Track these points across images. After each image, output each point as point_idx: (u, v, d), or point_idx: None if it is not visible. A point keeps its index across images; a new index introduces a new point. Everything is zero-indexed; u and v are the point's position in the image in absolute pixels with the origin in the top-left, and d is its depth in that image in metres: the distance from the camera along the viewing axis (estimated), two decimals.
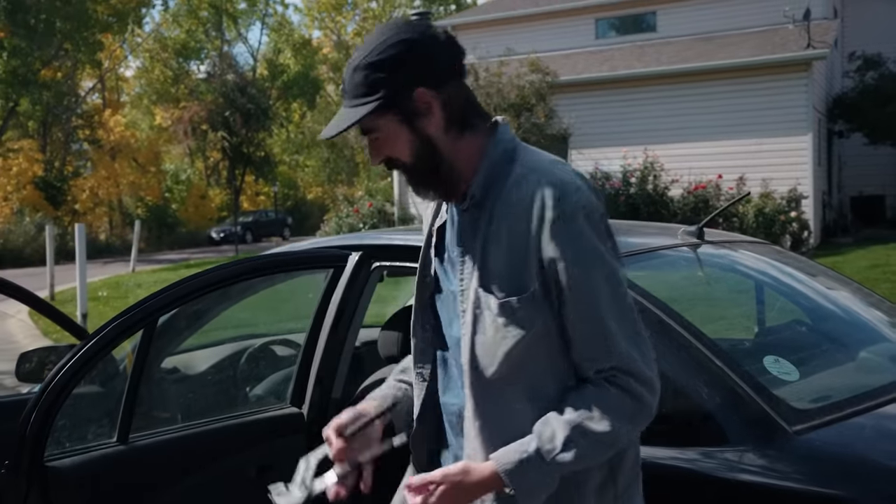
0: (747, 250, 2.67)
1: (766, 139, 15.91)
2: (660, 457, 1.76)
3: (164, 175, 38.89)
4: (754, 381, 1.81)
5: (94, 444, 2.06)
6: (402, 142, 1.48)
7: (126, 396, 2.04)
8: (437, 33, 1.50)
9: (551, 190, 1.40)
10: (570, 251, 1.38)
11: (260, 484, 2.28)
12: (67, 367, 1.92)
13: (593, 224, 1.40)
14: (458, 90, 1.50)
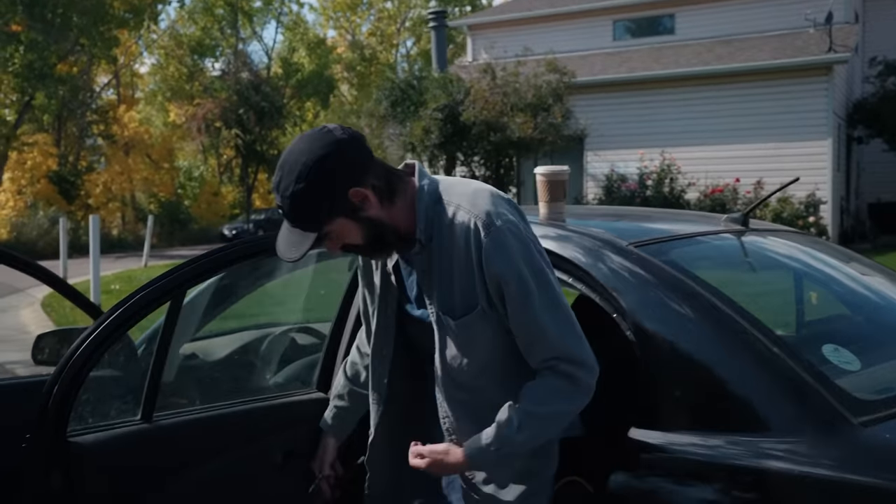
0: (792, 240, 2.57)
1: (785, 143, 15.76)
2: (716, 446, 1.67)
3: (177, 171, 38.93)
4: (815, 369, 1.71)
5: (117, 422, 1.98)
6: (352, 231, 1.74)
7: (151, 373, 1.96)
8: (342, 136, 1.70)
9: (479, 222, 1.69)
10: (504, 269, 1.68)
11: (286, 469, 2.21)
12: (92, 337, 1.84)
13: (519, 238, 1.69)
14: (377, 170, 1.74)
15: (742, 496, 1.63)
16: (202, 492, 2.04)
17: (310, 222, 1.70)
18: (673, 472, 1.74)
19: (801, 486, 1.57)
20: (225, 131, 32.99)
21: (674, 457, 1.73)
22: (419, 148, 15.56)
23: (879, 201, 19.11)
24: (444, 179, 1.80)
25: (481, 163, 15.92)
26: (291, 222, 1.72)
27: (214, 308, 2.64)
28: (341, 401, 2.18)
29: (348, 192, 1.68)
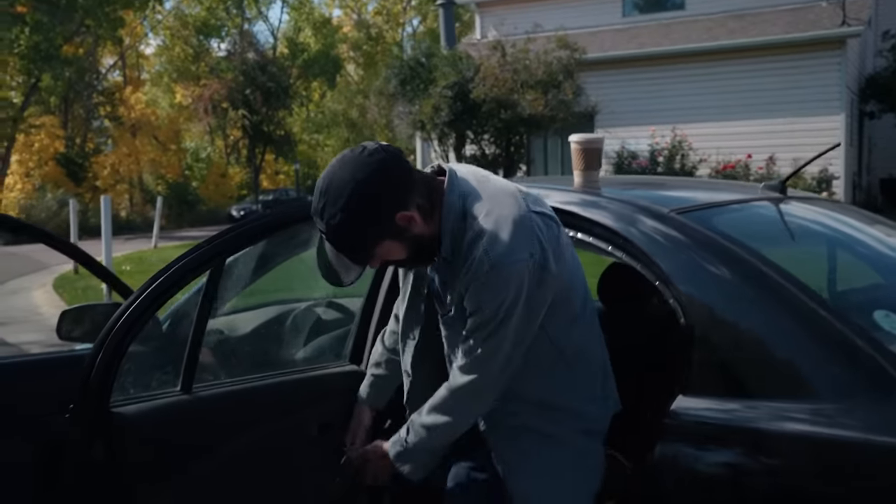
0: (829, 208, 2.53)
1: (798, 119, 15.61)
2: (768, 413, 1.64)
3: (184, 153, 38.91)
4: (868, 335, 1.68)
5: (158, 393, 1.96)
6: (397, 250, 1.75)
7: (190, 344, 1.93)
8: (384, 158, 1.67)
9: (487, 260, 1.68)
10: (477, 303, 1.73)
11: (321, 442, 2.19)
12: (134, 307, 1.81)
13: (515, 280, 1.68)
14: (419, 188, 1.72)
15: (794, 464, 1.60)
16: (240, 463, 2.02)
17: (357, 252, 1.72)
18: (722, 441, 1.71)
19: (856, 453, 1.54)
20: (231, 112, 32.93)
21: (722, 425, 1.70)
22: (429, 126, 15.47)
23: (891, 176, 18.96)
24: (471, 189, 1.76)
25: (491, 141, 15.82)
26: (337, 250, 1.72)
27: (250, 277, 2.61)
28: (378, 369, 2.18)
29: (395, 217, 1.68)
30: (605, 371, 1.95)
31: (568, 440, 1.85)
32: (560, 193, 2.20)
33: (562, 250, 1.80)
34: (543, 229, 1.75)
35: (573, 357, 1.86)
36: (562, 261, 1.78)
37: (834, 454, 1.56)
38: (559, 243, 1.79)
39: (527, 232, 1.71)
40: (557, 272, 1.75)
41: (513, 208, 1.73)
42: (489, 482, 1.93)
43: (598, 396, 1.91)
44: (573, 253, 1.88)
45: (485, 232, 1.69)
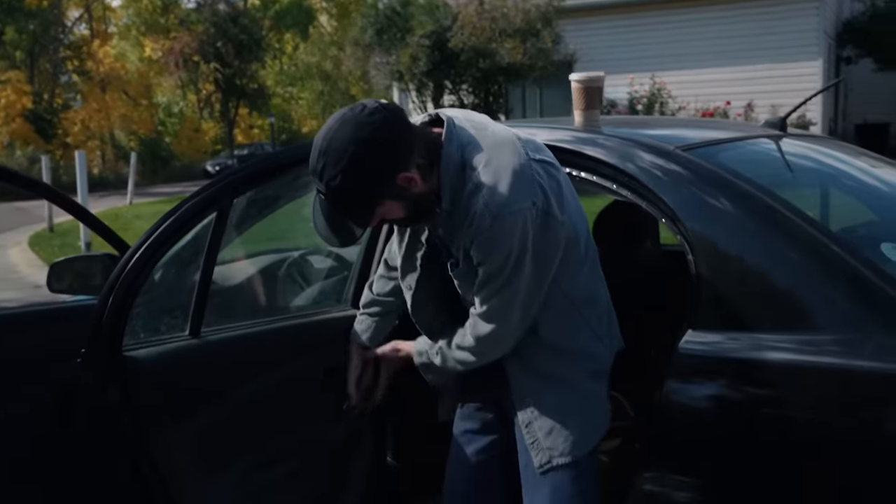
0: (828, 146, 2.53)
1: (776, 65, 15.61)
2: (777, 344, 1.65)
3: (156, 108, 38.23)
4: (877, 267, 1.68)
5: (167, 337, 1.94)
6: (397, 210, 1.72)
7: (198, 288, 1.91)
8: (387, 118, 1.62)
9: (489, 212, 1.66)
10: (485, 257, 1.71)
11: (327, 386, 2.19)
12: (142, 250, 1.78)
13: (520, 230, 1.66)
14: (419, 146, 1.67)
15: (805, 395, 1.62)
16: (248, 408, 2.02)
17: (357, 213, 1.69)
18: (729, 376, 1.72)
19: (869, 383, 1.55)
20: (203, 65, 32.32)
21: (731, 359, 1.71)
22: (407, 76, 15.29)
23: (866, 122, 19.08)
24: (469, 139, 1.72)
25: (469, 90, 15.69)
26: (338, 211, 1.68)
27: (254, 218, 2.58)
28: (369, 308, 2.18)
29: (396, 178, 1.65)
30: (609, 310, 1.96)
31: (576, 382, 1.87)
32: (562, 132, 2.18)
33: (564, 196, 1.78)
34: (544, 176, 1.73)
35: (581, 301, 1.86)
36: (564, 206, 1.76)
37: (847, 384, 1.57)
38: (561, 189, 1.77)
39: (527, 180, 1.68)
40: (562, 218, 1.74)
41: (512, 157, 1.70)
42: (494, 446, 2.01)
43: (604, 335, 1.91)
44: (575, 197, 1.86)
45: (484, 183, 1.66)
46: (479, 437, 2.06)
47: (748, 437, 1.68)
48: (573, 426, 1.85)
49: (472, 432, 2.07)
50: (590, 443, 1.87)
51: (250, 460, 2.02)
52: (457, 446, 2.08)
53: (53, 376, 1.85)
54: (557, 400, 1.86)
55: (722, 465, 1.71)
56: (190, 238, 1.94)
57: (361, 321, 2.18)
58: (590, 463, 1.88)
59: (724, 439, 1.71)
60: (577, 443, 1.84)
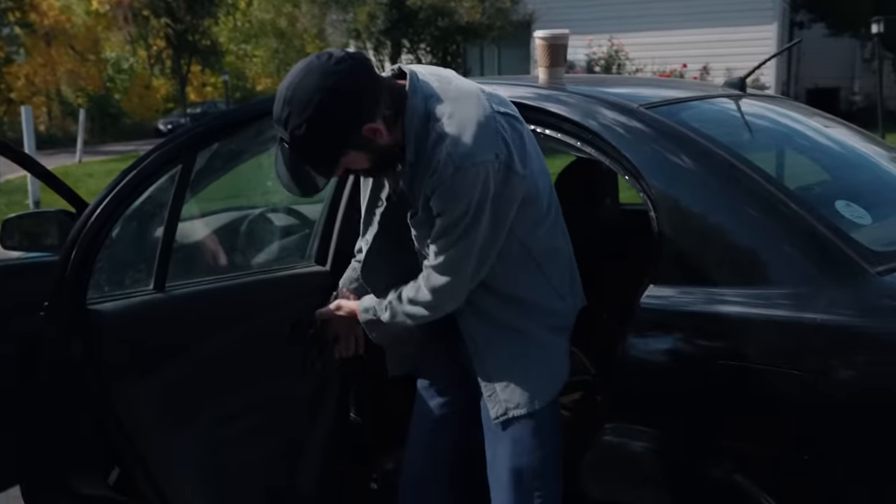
0: (785, 106, 2.58)
1: (732, 28, 15.74)
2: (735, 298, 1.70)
3: (104, 64, 37.02)
4: (832, 223, 1.74)
5: (131, 291, 1.92)
6: (361, 160, 1.71)
7: (163, 242, 1.88)
8: (353, 66, 1.62)
9: (451, 162, 1.65)
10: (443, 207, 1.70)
11: (294, 340, 2.20)
12: (107, 201, 1.75)
13: (481, 183, 1.66)
14: (385, 97, 1.66)
15: (761, 347, 1.67)
16: (213, 362, 2.01)
17: (322, 163, 1.69)
18: (689, 330, 1.77)
19: (822, 335, 1.61)
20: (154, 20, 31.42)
21: (690, 313, 1.75)
22: (364, 35, 15.09)
23: (817, 87, 19.40)
24: (433, 91, 1.72)
25: (428, 50, 15.55)
26: (302, 161, 1.67)
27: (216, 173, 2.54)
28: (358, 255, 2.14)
29: (362, 129, 1.64)
30: (571, 268, 1.98)
31: (535, 335, 1.88)
32: (525, 89, 2.18)
33: (527, 150, 1.78)
34: (508, 129, 1.73)
35: (541, 256, 1.87)
36: (527, 161, 1.77)
37: (802, 336, 1.63)
38: (524, 143, 1.78)
39: (491, 132, 1.69)
40: (524, 172, 1.74)
41: (476, 109, 1.70)
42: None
43: (567, 293, 1.94)
44: (538, 153, 1.87)
45: (447, 134, 1.66)
46: (441, 391, 2.09)
47: (705, 389, 1.73)
48: (530, 378, 1.87)
49: (434, 387, 2.09)
50: (547, 395, 1.88)
51: (216, 415, 2.03)
52: (420, 401, 2.11)
53: (13, 330, 1.83)
54: (514, 351, 1.87)
55: (680, 416, 1.77)
56: (152, 191, 1.91)
57: (352, 267, 2.14)
58: (551, 415, 1.90)
59: (682, 391, 1.76)
60: (533, 395, 1.85)
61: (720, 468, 1.72)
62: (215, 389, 2.02)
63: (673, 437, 1.79)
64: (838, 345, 1.61)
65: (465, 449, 2.09)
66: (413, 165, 1.73)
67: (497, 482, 1.91)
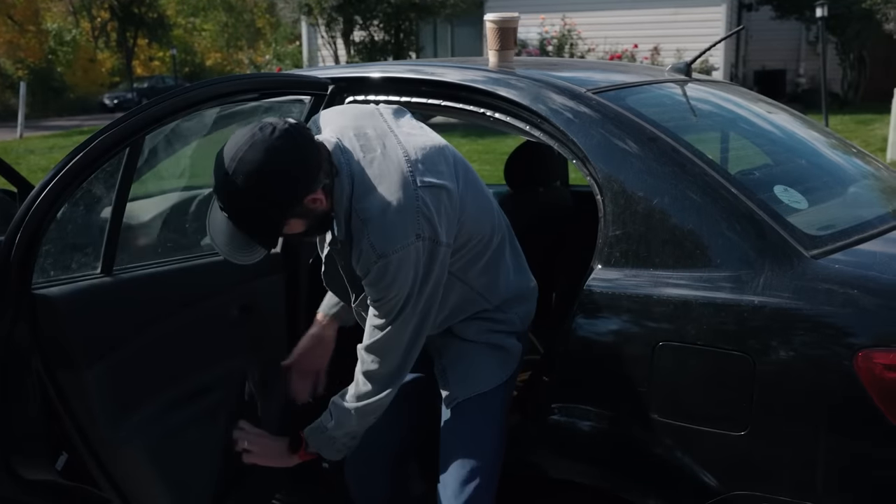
0: (729, 91, 2.63)
1: (681, 9, 15.91)
2: (676, 281, 1.75)
3: (45, 35, 35.94)
4: (770, 208, 1.80)
5: (79, 275, 1.89)
6: (298, 226, 1.74)
7: (111, 224, 1.86)
8: (296, 140, 1.64)
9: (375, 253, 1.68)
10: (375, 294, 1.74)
11: (242, 322, 2.19)
12: (52, 185, 1.72)
13: (407, 266, 1.68)
14: (326, 164, 1.70)
15: (698, 328, 1.72)
16: (162, 346, 2.00)
17: (265, 235, 1.73)
18: (632, 310, 1.81)
19: (759, 317, 1.67)
20: None
21: (634, 295, 1.80)
22: (316, 10, 14.88)
23: (765, 68, 19.74)
24: (358, 168, 1.72)
25: (380, 26, 15.40)
26: (242, 231, 1.69)
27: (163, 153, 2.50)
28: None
29: (304, 200, 1.68)
30: (519, 284, 2.00)
31: (483, 340, 1.96)
32: (476, 73, 2.20)
33: (451, 217, 1.76)
34: (430, 204, 1.71)
35: (482, 287, 1.92)
36: (453, 226, 1.77)
37: (741, 318, 1.68)
38: (450, 211, 1.76)
39: (410, 215, 1.68)
40: (448, 241, 1.75)
41: (397, 191, 1.69)
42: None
43: (514, 306, 1.98)
44: (476, 192, 1.87)
45: (369, 220, 1.68)
46: None
47: (648, 369, 1.78)
48: (482, 372, 1.94)
49: None
50: (497, 381, 1.95)
51: (165, 398, 2.02)
52: None
53: None
54: (465, 351, 1.95)
55: (624, 395, 1.82)
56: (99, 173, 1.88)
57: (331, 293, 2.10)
58: (499, 392, 1.95)
59: (626, 371, 1.81)
60: (483, 384, 1.94)
61: (662, 445, 1.78)
62: (164, 372, 2.01)
63: (617, 416, 1.84)
64: (775, 326, 1.66)
65: (414, 430, 2.12)
66: (342, 242, 1.77)
67: (445, 460, 1.94)
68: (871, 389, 1.54)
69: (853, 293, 1.63)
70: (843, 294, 1.63)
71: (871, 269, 1.70)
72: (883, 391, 1.54)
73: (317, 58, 17.48)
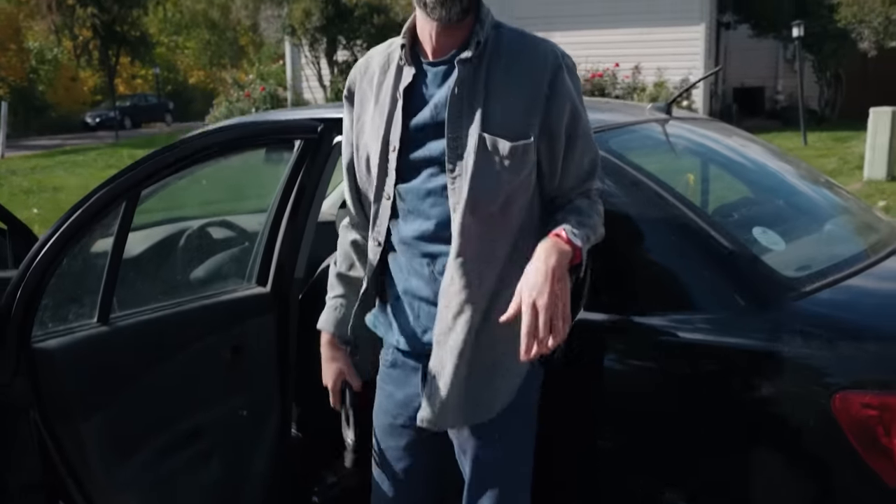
0: (708, 128, 2.70)
1: (662, 28, 16.11)
2: (658, 324, 1.80)
3: (27, 54, 35.80)
4: (750, 251, 1.85)
5: (76, 325, 1.92)
6: None
7: (107, 274, 1.89)
8: None
9: (553, 48, 1.62)
10: (576, 100, 1.64)
11: (235, 365, 2.22)
12: (53, 240, 1.75)
13: (577, 79, 1.66)
14: None
15: (686, 371, 1.77)
16: (158, 391, 2.03)
17: None
18: (616, 350, 1.86)
19: (742, 359, 1.72)
20: (80, 10, 30.48)
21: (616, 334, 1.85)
22: (299, 31, 14.96)
23: (743, 86, 19.99)
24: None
25: (364, 46, 15.50)
26: None
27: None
28: (343, 282, 1.87)
29: None
30: None
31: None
32: None
33: None
34: None
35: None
36: None
37: (723, 360, 1.74)
38: None
39: None
40: None
41: None
42: None
43: None
44: None
45: (527, 35, 1.65)
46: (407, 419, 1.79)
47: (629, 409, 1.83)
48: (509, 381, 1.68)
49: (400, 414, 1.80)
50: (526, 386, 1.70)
51: (160, 444, 2.04)
52: (386, 432, 1.83)
53: None
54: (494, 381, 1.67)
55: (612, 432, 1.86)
56: None
57: (335, 307, 1.85)
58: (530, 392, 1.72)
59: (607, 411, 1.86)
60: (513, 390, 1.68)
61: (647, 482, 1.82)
62: (158, 417, 2.03)
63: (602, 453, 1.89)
64: (756, 368, 1.72)
65: (435, 475, 1.86)
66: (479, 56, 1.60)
67: (484, 481, 1.72)
68: (849, 432, 1.59)
69: (830, 336, 1.68)
70: (821, 336, 1.68)
71: (848, 310, 1.77)
72: (860, 433, 1.59)
73: (300, 77, 17.53)
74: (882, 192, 9.01)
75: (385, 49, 1.74)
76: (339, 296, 1.87)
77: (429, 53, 1.65)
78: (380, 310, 1.79)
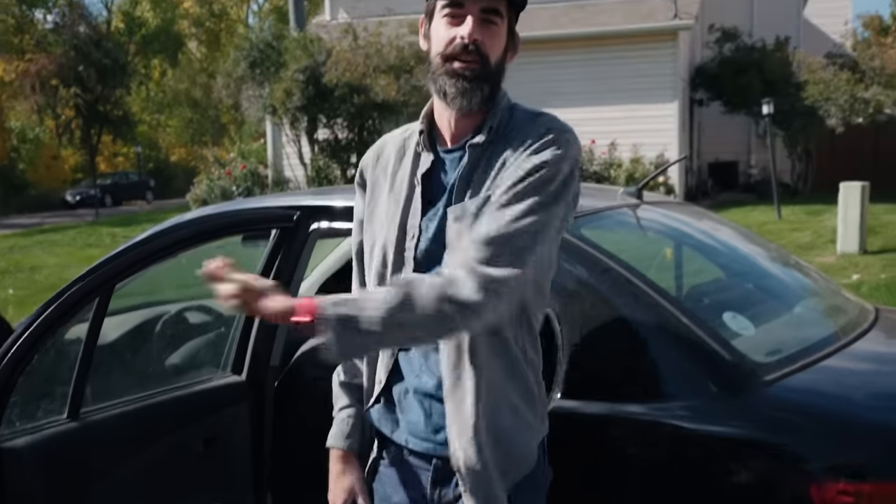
0: (680, 211, 2.76)
1: (636, 106, 16.54)
2: (633, 412, 1.80)
3: (8, 133, 36.00)
4: (720, 337, 1.87)
5: (45, 422, 1.89)
6: (499, 41, 1.59)
7: (78, 370, 1.87)
8: None
9: (553, 120, 1.57)
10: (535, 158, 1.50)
11: (207, 457, 2.18)
12: (22, 339, 1.74)
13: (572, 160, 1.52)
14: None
15: (660, 458, 1.77)
16: (129, 484, 1.99)
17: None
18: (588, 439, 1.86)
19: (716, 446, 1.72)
20: (63, 90, 30.76)
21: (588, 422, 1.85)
22: (280, 110, 15.19)
23: (718, 160, 20.44)
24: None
25: (344, 125, 15.74)
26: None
27: None
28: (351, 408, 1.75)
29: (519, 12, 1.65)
30: None
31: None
32: None
33: None
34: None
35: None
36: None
37: (695, 448, 1.74)
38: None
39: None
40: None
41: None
42: None
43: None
44: None
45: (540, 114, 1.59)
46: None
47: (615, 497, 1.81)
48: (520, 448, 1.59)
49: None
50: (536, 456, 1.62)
51: None
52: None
53: None
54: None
55: None
56: None
57: (342, 419, 1.74)
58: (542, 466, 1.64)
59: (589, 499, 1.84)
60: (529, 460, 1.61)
61: None
62: None
63: None
64: (732, 455, 1.72)
65: None
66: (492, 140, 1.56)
67: None
68: None
69: (801, 422, 1.70)
70: (792, 423, 1.70)
71: (818, 395, 1.78)
72: None
73: (281, 155, 17.72)
74: (856, 266, 9.16)
75: (401, 134, 1.72)
76: (345, 406, 1.75)
77: (447, 140, 1.62)
78: (385, 406, 1.66)
